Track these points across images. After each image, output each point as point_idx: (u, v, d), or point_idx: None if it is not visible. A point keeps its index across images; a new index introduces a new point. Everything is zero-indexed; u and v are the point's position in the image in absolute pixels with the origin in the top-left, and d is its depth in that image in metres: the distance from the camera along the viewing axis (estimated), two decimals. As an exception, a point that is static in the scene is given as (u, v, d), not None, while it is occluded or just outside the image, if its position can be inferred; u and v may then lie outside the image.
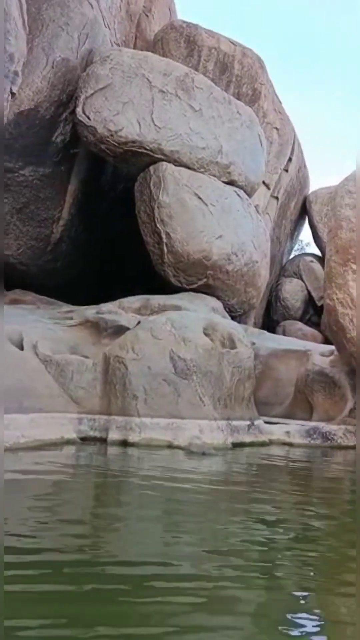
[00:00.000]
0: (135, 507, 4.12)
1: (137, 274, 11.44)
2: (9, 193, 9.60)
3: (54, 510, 3.81)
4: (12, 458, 5.10)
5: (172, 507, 4.12)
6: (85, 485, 4.70)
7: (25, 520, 3.49)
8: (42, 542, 3.14)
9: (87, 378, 6.61)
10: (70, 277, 11.38)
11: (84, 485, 4.69)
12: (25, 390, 6.00)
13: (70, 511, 3.84)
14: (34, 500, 4.00)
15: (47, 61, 9.22)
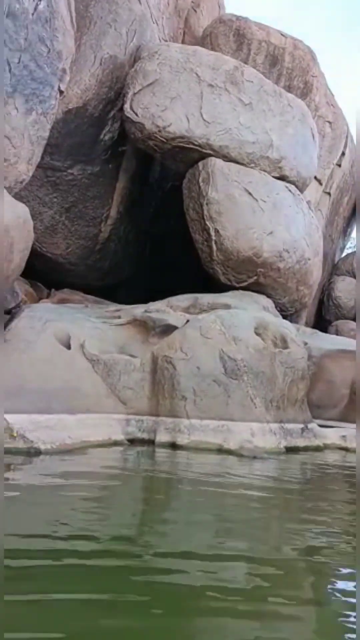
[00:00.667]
0: (183, 513, 3.93)
1: (186, 273, 11.26)
2: (58, 192, 9.59)
3: (100, 513, 3.67)
4: (58, 460, 4.99)
5: (221, 514, 3.92)
6: (132, 489, 4.56)
7: (71, 522, 3.36)
8: (87, 545, 2.99)
9: (135, 378, 6.46)
10: (119, 277, 11.32)
11: (131, 489, 4.54)
12: (72, 390, 5.90)
13: (117, 515, 3.70)
14: (81, 502, 3.87)
15: (95, 58, 9.16)
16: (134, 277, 11.58)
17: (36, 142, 7.83)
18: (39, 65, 7.66)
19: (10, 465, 4.63)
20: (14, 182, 7.53)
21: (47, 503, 3.76)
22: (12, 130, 7.34)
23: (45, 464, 4.80)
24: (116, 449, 5.90)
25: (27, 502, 3.73)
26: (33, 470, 4.63)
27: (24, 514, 3.46)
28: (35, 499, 3.83)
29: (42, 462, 4.83)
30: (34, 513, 3.53)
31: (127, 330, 7.33)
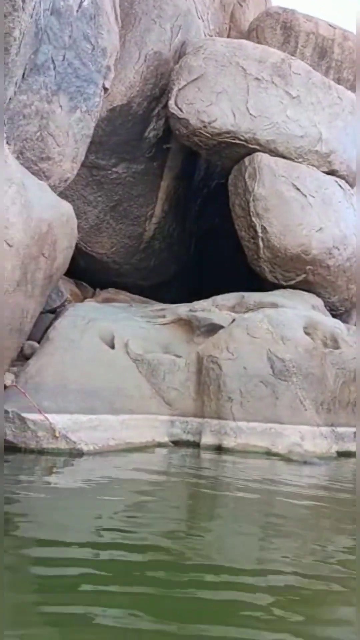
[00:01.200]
0: (229, 521, 3.75)
1: (231, 272, 11.04)
2: (102, 191, 9.53)
3: (142, 517, 3.53)
4: (102, 461, 4.88)
5: (269, 522, 3.72)
6: (177, 493, 4.40)
7: (113, 528, 3.23)
8: (129, 554, 2.84)
9: (180, 378, 6.30)
10: (164, 276, 11.18)
11: (175, 493, 4.39)
12: (116, 390, 5.79)
13: (160, 520, 3.55)
14: (123, 507, 3.73)
15: (139, 55, 9.06)
16: (178, 276, 11.42)
17: (80, 140, 7.77)
18: (83, 62, 7.60)
19: (53, 467, 4.54)
20: (58, 180, 7.49)
21: (89, 507, 3.64)
22: (57, 129, 7.29)
23: (88, 466, 4.69)
24: (160, 451, 5.76)
25: (69, 507, 3.63)
26: (75, 472, 4.52)
27: (66, 519, 3.35)
28: (77, 504, 3.71)
29: (85, 464, 4.72)
30: (76, 519, 3.41)
31: (171, 329, 7.18)
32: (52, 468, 4.51)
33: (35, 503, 3.64)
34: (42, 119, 7.07)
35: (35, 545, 2.91)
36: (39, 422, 4.80)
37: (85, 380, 5.56)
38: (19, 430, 4.76)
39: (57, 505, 3.58)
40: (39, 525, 3.25)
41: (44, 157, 7.24)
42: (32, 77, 6.85)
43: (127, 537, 3.13)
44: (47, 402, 5.02)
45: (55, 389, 5.23)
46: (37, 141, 7.06)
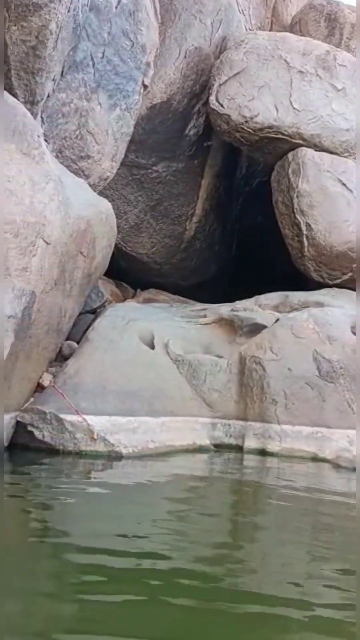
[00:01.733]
0: (273, 530, 3.54)
1: (274, 271, 10.79)
2: (143, 190, 9.43)
3: (183, 527, 3.36)
4: (141, 465, 4.73)
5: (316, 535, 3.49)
6: (219, 499, 4.21)
7: (152, 537, 3.07)
8: (168, 563, 2.68)
9: (222, 380, 6.10)
10: (205, 276, 11.01)
11: (217, 499, 4.20)
12: (156, 391, 5.64)
13: (201, 529, 3.38)
14: (163, 514, 3.57)
15: (179, 52, 8.92)
16: (219, 276, 11.23)
17: (120, 138, 7.68)
18: (122, 59, 7.51)
19: (91, 471, 4.42)
20: (98, 179, 7.40)
21: (129, 514, 3.50)
22: (96, 127, 7.21)
23: (127, 470, 4.55)
24: (202, 454, 5.58)
25: (108, 512, 3.49)
26: (114, 476, 4.39)
27: (106, 526, 3.22)
28: (117, 509, 3.58)
29: (124, 468, 4.58)
30: (116, 525, 3.27)
31: (212, 329, 7.01)
32: (90, 472, 4.39)
33: (74, 509, 3.53)
34: (81, 117, 7.00)
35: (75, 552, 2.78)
36: (77, 423, 4.68)
37: (124, 381, 5.42)
38: (57, 432, 4.65)
39: (96, 511, 3.46)
40: (77, 531, 3.12)
41: (83, 156, 7.17)
42: (71, 74, 6.79)
43: (165, 543, 2.96)
44: (86, 403, 4.90)
45: (94, 390, 5.11)
46: (76, 140, 7.00)
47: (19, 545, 2.79)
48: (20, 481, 4.07)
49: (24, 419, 4.62)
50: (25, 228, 4.28)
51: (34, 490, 3.86)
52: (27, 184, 4.38)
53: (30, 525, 3.22)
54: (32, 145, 4.51)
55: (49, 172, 4.69)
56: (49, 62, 4.86)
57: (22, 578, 2.37)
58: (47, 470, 4.32)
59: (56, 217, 4.71)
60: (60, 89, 6.70)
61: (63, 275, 4.98)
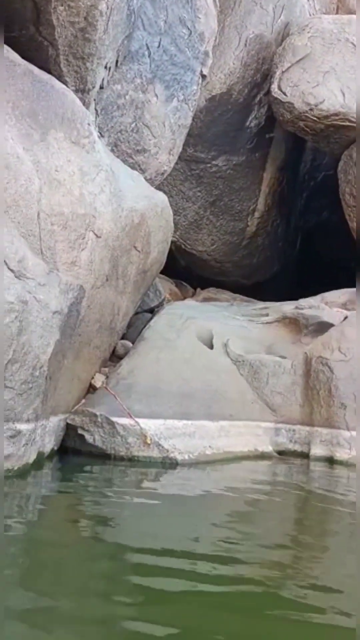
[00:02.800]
0: (341, 541, 3.18)
1: (340, 269, 10.28)
2: (202, 185, 9.15)
3: (245, 536, 3.10)
4: (197, 473, 4.41)
5: None
6: (283, 510, 3.89)
7: (213, 545, 2.85)
8: (232, 569, 2.47)
9: (285, 382, 5.73)
10: (267, 274, 10.63)
11: (281, 510, 3.88)
12: (214, 393, 5.32)
13: (264, 542, 3.07)
14: (223, 522, 3.29)
15: (239, 40, 8.59)
16: (283, 274, 10.82)
17: (177, 130, 7.41)
18: (179, 48, 7.25)
19: (144, 479, 4.14)
20: (154, 173, 7.16)
21: (185, 525, 3.23)
22: (152, 119, 6.97)
23: (183, 478, 4.25)
24: (263, 461, 5.23)
25: (163, 525, 3.23)
26: (169, 485, 4.10)
27: (161, 540, 2.95)
28: (172, 521, 3.32)
29: (179, 476, 4.28)
30: (169, 539, 2.99)
31: (275, 328, 6.63)
32: (143, 480, 4.11)
33: (126, 521, 3.29)
34: (137, 109, 6.77)
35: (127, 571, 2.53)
36: (130, 427, 4.42)
37: (181, 382, 5.13)
38: (108, 435, 4.40)
39: (150, 524, 3.19)
40: (129, 545, 2.86)
41: (140, 150, 6.94)
42: (126, 65, 6.58)
43: (225, 553, 2.68)
44: (139, 405, 4.64)
45: (148, 392, 4.84)
46: (132, 133, 6.78)
47: (67, 558, 2.61)
48: (69, 489, 3.86)
49: (74, 422, 4.40)
50: (74, 220, 4.06)
51: (84, 500, 3.65)
52: (77, 174, 4.16)
53: (80, 538, 3.01)
54: (82, 133, 4.28)
55: (99, 162, 4.46)
56: (100, 47, 4.63)
57: (72, 601, 2.15)
58: (96, 479, 4.09)
59: (107, 209, 4.48)
60: (115, 81, 6.50)
61: (115, 270, 4.74)
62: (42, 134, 3.91)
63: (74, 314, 3.83)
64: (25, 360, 3.25)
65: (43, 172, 3.84)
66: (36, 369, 3.33)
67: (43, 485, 3.66)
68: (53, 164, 3.95)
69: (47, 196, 3.84)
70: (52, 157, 3.95)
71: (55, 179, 3.95)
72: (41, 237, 3.72)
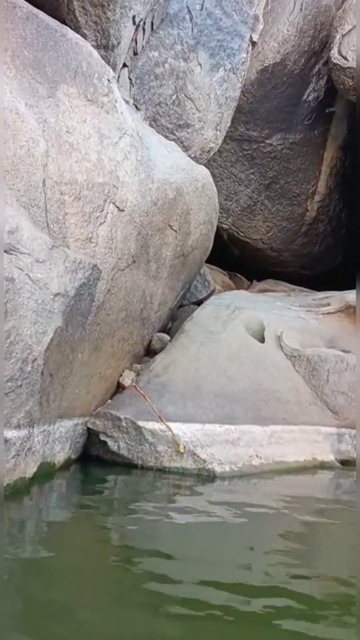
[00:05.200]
0: None
1: None
2: (255, 167, 8.43)
3: (302, 562, 2.59)
4: (241, 487, 3.71)
5: None
6: (348, 537, 3.17)
7: (263, 573, 2.36)
8: (287, 601, 2.03)
9: (349, 380, 4.99)
10: (330, 264, 9.78)
11: (345, 537, 3.18)
12: (264, 394, 4.61)
13: (325, 567, 2.60)
14: (271, 555, 2.65)
15: (294, 4, 7.84)
16: (348, 264, 9.92)
17: (225, 104, 6.75)
18: (225, 12, 6.57)
19: (176, 493, 3.48)
20: (199, 151, 6.51)
21: (228, 550, 2.58)
22: (195, 91, 6.33)
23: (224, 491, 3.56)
24: (324, 473, 4.49)
25: (198, 553, 2.60)
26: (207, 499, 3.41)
27: (203, 559, 2.37)
28: (213, 542, 2.68)
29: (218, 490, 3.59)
30: (206, 568, 2.38)
31: (337, 319, 5.89)
32: (176, 494, 3.46)
33: (161, 543, 2.70)
34: (177, 79, 6.16)
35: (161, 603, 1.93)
36: (160, 432, 3.76)
37: (224, 381, 4.45)
38: (135, 442, 3.76)
39: (190, 548, 2.61)
40: (161, 574, 2.26)
41: (182, 124, 6.32)
42: (164, 29, 5.97)
43: (279, 581, 2.10)
44: (173, 407, 3.98)
45: (186, 392, 4.18)
46: (172, 106, 6.17)
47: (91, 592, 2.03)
48: (91, 504, 3.27)
49: (95, 426, 3.79)
50: (90, 189, 3.45)
51: (103, 519, 3.05)
52: (94, 137, 3.56)
53: (105, 565, 2.43)
54: (100, 90, 3.68)
55: (123, 125, 3.85)
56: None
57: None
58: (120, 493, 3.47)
59: (133, 179, 3.85)
60: (152, 47, 5.89)
61: (145, 251, 4.11)
62: (49, 88, 3.33)
63: (86, 298, 3.22)
64: (11, 352, 2.65)
65: (51, 133, 3.27)
66: (27, 363, 2.74)
67: (43, 504, 3.07)
68: (64, 124, 3.37)
69: (55, 161, 3.25)
70: (63, 116, 3.37)
71: (67, 142, 3.36)
72: (47, 208, 3.13)
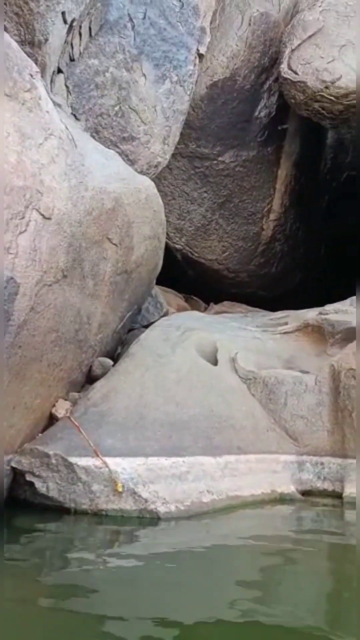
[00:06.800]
0: None
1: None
2: (208, 185, 8.18)
3: (262, 614, 2.15)
4: (189, 529, 3.27)
5: None
6: (313, 572, 2.90)
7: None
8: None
9: (309, 402, 4.64)
10: (288, 285, 9.56)
11: (310, 572, 2.88)
12: (217, 420, 4.22)
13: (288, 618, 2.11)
14: (233, 598, 2.24)
15: (242, 19, 7.72)
16: (306, 285, 9.75)
17: (172, 117, 6.47)
18: (170, 22, 6.35)
19: (111, 543, 3.01)
20: (146, 165, 6.19)
21: (171, 613, 2.15)
22: (140, 102, 6.04)
23: (169, 535, 3.12)
24: (284, 506, 4.11)
25: (137, 616, 2.14)
26: (143, 552, 2.96)
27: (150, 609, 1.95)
28: (151, 601, 2.25)
29: (161, 536, 3.14)
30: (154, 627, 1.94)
31: (295, 339, 5.58)
32: (110, 544, 2.99)
33: (104, 594, 2.27)
34: (120, 89, 5.87)
35: None
36: (95, 469, 3.30)
37: (172, 408, 4.04)
38: (66, 482, 3.29)
39: (123, 610, 2.18)
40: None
41: (127, 137, 6.00)
42: (103, 36, 5.68)
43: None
44: (113, 439, 3.53)
45: (128, 421, 3.74)
46: (116, 117, 5.86)
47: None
48: (18, 557, 2.79)
49: (20, 465, 3.31)
50: (8, 194, 3.04)
51: (34, 574, 2.59)
52: (13, 136, 3.17)
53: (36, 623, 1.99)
54: (21, 85, 3.30)
55: (49, 125, 3.47)
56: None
57: None
58: (51, 541, 2.99)
59: (62, 185, 3.46)
60: (91, 54, 5.60)
61: (80, 265, 3.70)
62: None
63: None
64: None
65: None
66: None
67: None
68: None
69: None
70: (-25, 112, 2.96)
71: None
72: None
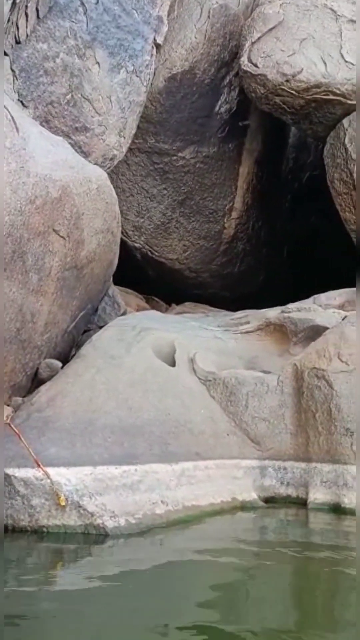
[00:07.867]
0: None
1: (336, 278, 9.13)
2: (168, 182, 7.98)
3: (222, 634, 2.07)
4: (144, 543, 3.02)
5: None
6: (275, 583, 2.74)
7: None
8: None
9: (270, 404, 4.46)
10: (251, 285, 9.44)
11: (272, 583, 2.74)
12: (174, 425, 3.98)
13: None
14: (192, 621, 1.99)
15: (201, 11, 7.56)
16: (270, 285, 9.64)
17: (128, 108, 6.23)
18: (125, 9, 6.12)
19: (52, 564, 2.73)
20: (101, 158, 5.93)
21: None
22: (94, 91, 5.78)
23: (114, 557, 2.85)
24: (245, 514, 3.90)
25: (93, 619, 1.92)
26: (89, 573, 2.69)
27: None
28: (98, 628, 1.99)
29: (109, 554, 2.87)
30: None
31: (257, 338, 5.41)
32: (51, 565, 2.71)
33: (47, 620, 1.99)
34: (72, 77, 5.61)
35: None
36: (35, 481, 3.01)
37: (124, 413, 3.78)
38: (4, 496, 3.00)
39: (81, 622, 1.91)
40: None
41: (79, 127, 5.74)
42: (53, 20, 5.42)
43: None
44: (57, 447, 3.25)
45: (75, 427, 3.47)
46: (67, 106, 5.60)
47: None
48: None
49: None
50: None
51: None
52: None
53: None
54: None
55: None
56: None
57: None
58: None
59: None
60: (40, 38, 5.32)
61: (21, 258, 3.42)
62: None
63: None
64: None
65: None
66: None
67: None
68: None
69: None
70: None
71: None
72: None
